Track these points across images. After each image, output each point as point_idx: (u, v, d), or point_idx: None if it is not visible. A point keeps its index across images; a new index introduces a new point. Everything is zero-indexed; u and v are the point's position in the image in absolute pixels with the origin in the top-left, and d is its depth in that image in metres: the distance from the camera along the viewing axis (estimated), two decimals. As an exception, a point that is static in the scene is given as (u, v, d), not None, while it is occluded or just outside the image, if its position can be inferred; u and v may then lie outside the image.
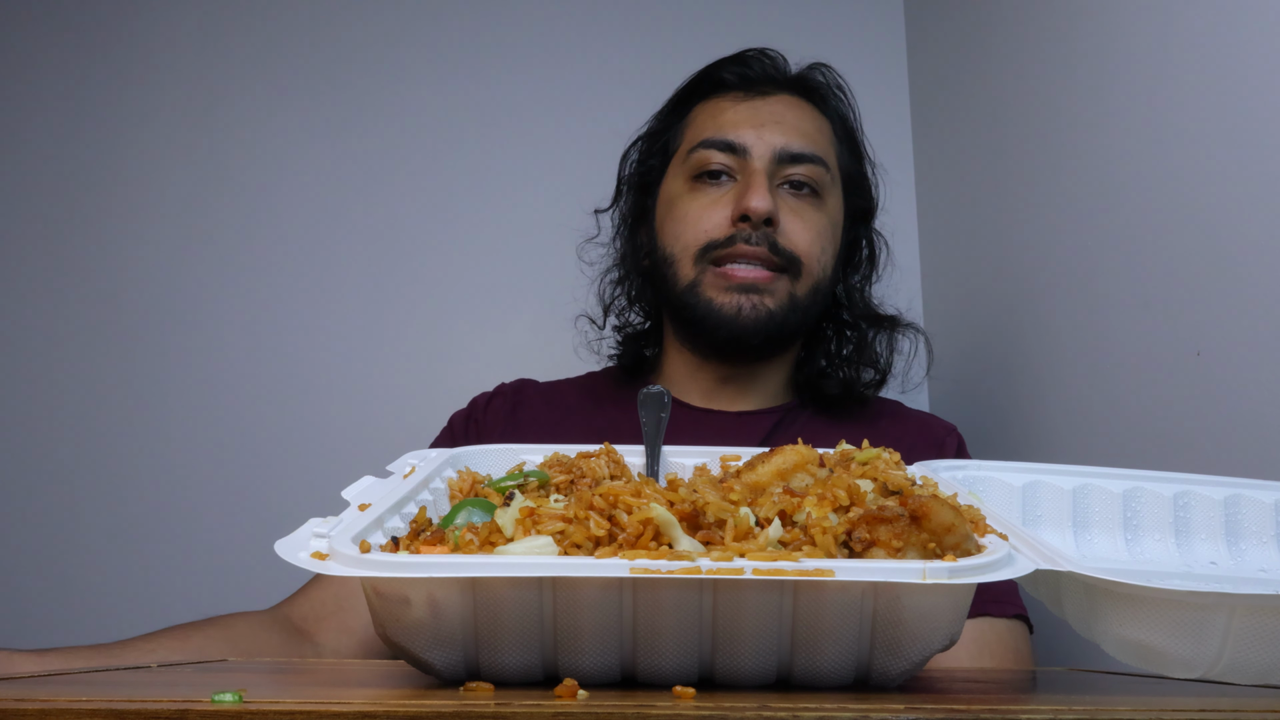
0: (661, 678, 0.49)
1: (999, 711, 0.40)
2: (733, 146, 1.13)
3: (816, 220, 1.14)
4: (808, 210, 1.14)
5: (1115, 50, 1.13)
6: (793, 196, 1.14)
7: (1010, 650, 1.02)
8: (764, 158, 1.13)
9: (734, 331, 1.10)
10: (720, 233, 1.11)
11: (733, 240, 1.10)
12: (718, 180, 1.14)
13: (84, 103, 1.68)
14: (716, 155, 1.14)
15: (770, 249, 1.10)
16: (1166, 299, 1.03)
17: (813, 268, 1.13)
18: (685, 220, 1.14)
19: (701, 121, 1.19)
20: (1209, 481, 0.72)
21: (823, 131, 1.19)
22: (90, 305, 1.62)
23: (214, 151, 1.67)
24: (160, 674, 0.57)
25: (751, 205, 1.09)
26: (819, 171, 1.15)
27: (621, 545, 0.50)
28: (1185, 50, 1.01)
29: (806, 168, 1.14)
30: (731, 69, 1.21)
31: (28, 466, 1.58)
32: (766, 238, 1.10)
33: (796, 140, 1.14)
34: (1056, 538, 0.70)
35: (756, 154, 1.13)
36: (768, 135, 1.14)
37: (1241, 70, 0.93)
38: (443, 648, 0.48)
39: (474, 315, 1.63)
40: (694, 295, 1.12)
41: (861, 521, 0.51)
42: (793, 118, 1.17)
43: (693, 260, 1.12)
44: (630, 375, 1.24)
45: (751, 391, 1.19)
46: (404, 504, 0.60)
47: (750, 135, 1.14)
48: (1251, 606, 0.51)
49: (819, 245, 1.13)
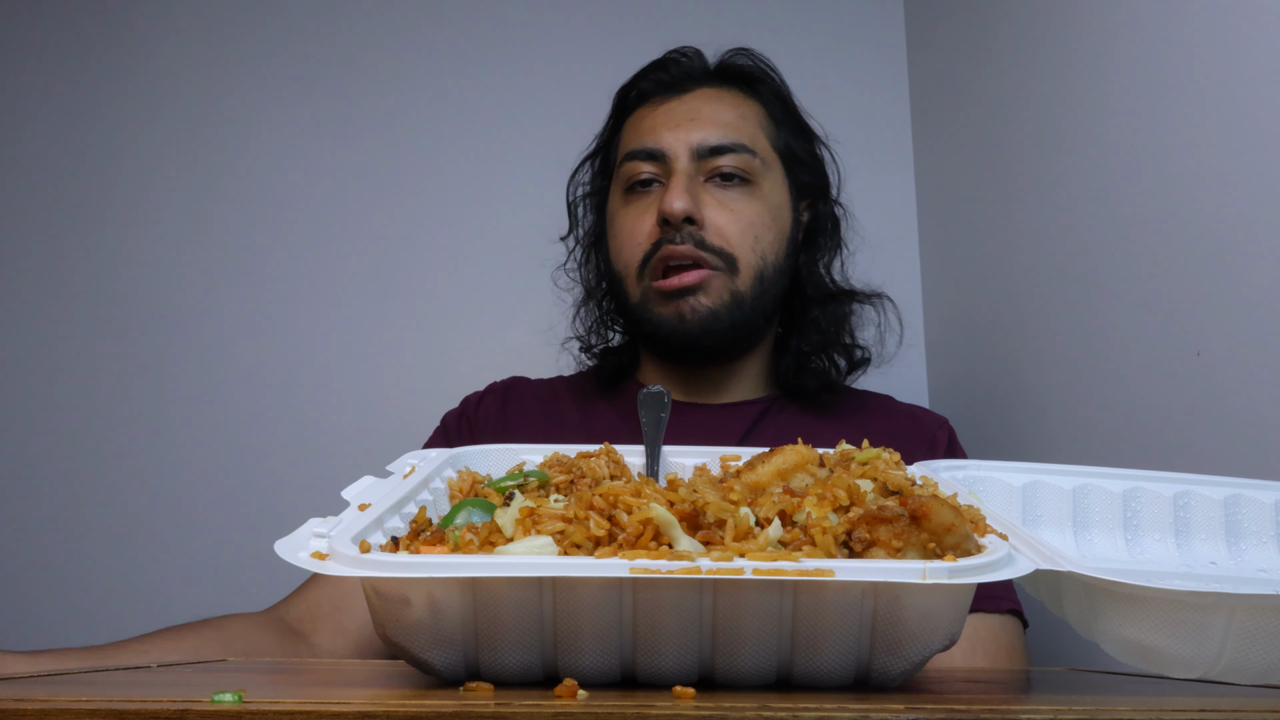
0: (661, 678, 0.49)
1: (999, 711, 0.40)
2: (652, 153, 1.14)
3: (747, 209, 1.12)
4: (738, 200, 1.12)
5: (1115, 50, 1.13)
6: (721, 189, 1.12)
7: (1004, 647, 1.02)
8: (682, 157, 1.12)
9: (684, 338, 1.10)
10: (649, 241, 1.11)
11: (660, 244, 1.10)
12: (649, 189, 1.14)
13: (84, 103, 1.68)
14: (641, 165, 1.14)
15: (697, 245, 1.09)
16: (1166, 299, 1.03)
17: (748, 258, 1.11)
18: (621, 235, 1.15)
19: (627, 134, 1.19)
20: (1209, 481, 0.71)
21: (747, 118, 1.17)
22: (90, 305, 1.62)
23: (214, 151, 1.67)
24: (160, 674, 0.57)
25: (665, 208, 1.08)
26: (745, 159, 1.13)
27: (621, 545, 0.50)
28: (1185, 50, 1.01)
29: (731, 158, 1.12)
30: (651, 76, 1.21)
31: (27, 466, 1.58)
32: (692, 236, 1.09)
33: (714, 132, 1.13)
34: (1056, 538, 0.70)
35: (674, 154, 1.12)
36: (684, 134, 1.13)
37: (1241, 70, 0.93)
38: (443, 648, 0.48)
39: (475, 315, 1.63)
40: (644, 312, 1.12)
41: (861, 521, 0.51)
42: (709, 110, 1.15)
43: (635, 277, 1.13)
44: (610, 381, 1.24)
45: (729, 386, 1.19)
46: (404, 504, 0.60)
47: (668, 138, 1.13)
48: (1251, 606, 0.51)
49: (752, 234, 1.12)
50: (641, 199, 1.14)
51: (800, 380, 1.18)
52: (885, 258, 1.66)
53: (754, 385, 1.20)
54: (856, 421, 1.17)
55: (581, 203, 1.27)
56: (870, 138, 1.68)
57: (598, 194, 1.24)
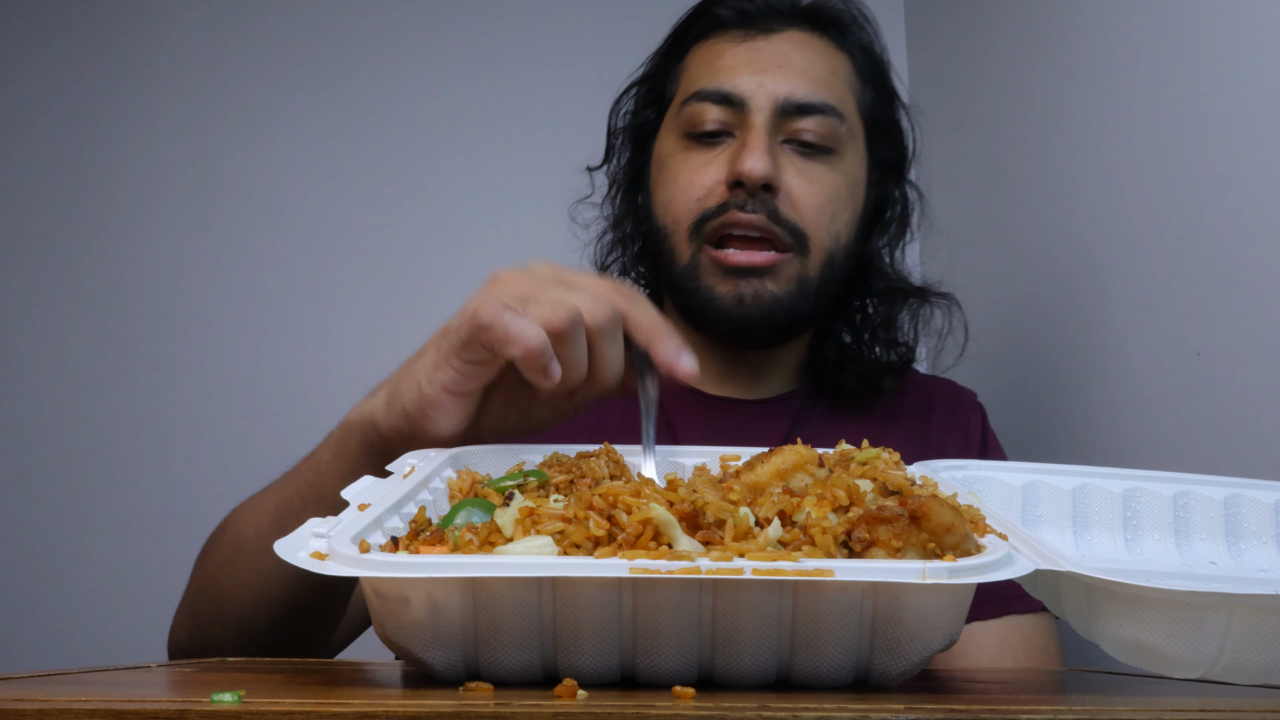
0: (661, 678, 0.49)
1: (999, 711, 0.40)
2: (729, 98, 0.98)
3: (828, 181, 0.99)
4: (817, 170, 0.99)
5: (1115, 50, 1.13)
6: (800, 155, 0.99)
7: (1036, 650, 0.96)
8: (764, 110, 0.97)
9: (737, 324, 0.98)
10: (714, 200, 0.97)
11: (726, 207, 0.96)
12: (715, 140, 1.00)
13: (84, 103, 1.68)
14: (710, 110, 0.99)
15: (770, 218, 0.96)
16: (1166, 299, 1.03)
17: (822, 239, 0.99)
18: (676, 186, 1.00)
19: (696, 68, 1.04)
20: (1209, 481, 0.71)
21: (838, 73, 1.03)
22: (90, 305, 1.62)
23: (214, 151, 1.67)
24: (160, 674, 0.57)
25: (745, 168, 0.94)
26: (832, 124, 0.99)
27: (621, 545, 0.50)
28: (1185, 50, 1.01)
29: (816, 120, 0.98)
30: (730, 3, 1.04)
31: (27, 465, 1.58)
32: (765, 205, 0.96)
33: (804, 86, 0.98)
34: (1056, 538, 0.70)
35: (755, 106, 0.98)
36: (769, 82, 0.98)
37: (1241, 70, 0.93)
38: (442, 648, 0.48)
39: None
40: (692, 280, 0.99)
41: (861, 521, 0.51)
42: (800, 59, 1.00)
43: (687, 236, 0.99)
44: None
45: (767, 375, 1.07)
46: (403, 504, 0.60)
47: (749, 83, 0.98)
48: (1251, 606, 0.51)
49: (829, 212, 0.98)
50: (705, 150, 0.99)
51: (839, 377, 1.06)
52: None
53: (790, 376, 1.09)
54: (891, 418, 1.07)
55: (622, 133, 1.12)
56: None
57: (642, 128, 1.08)
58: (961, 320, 1.10)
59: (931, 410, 1.09)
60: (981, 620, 0.96)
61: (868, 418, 1.06)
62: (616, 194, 1.11)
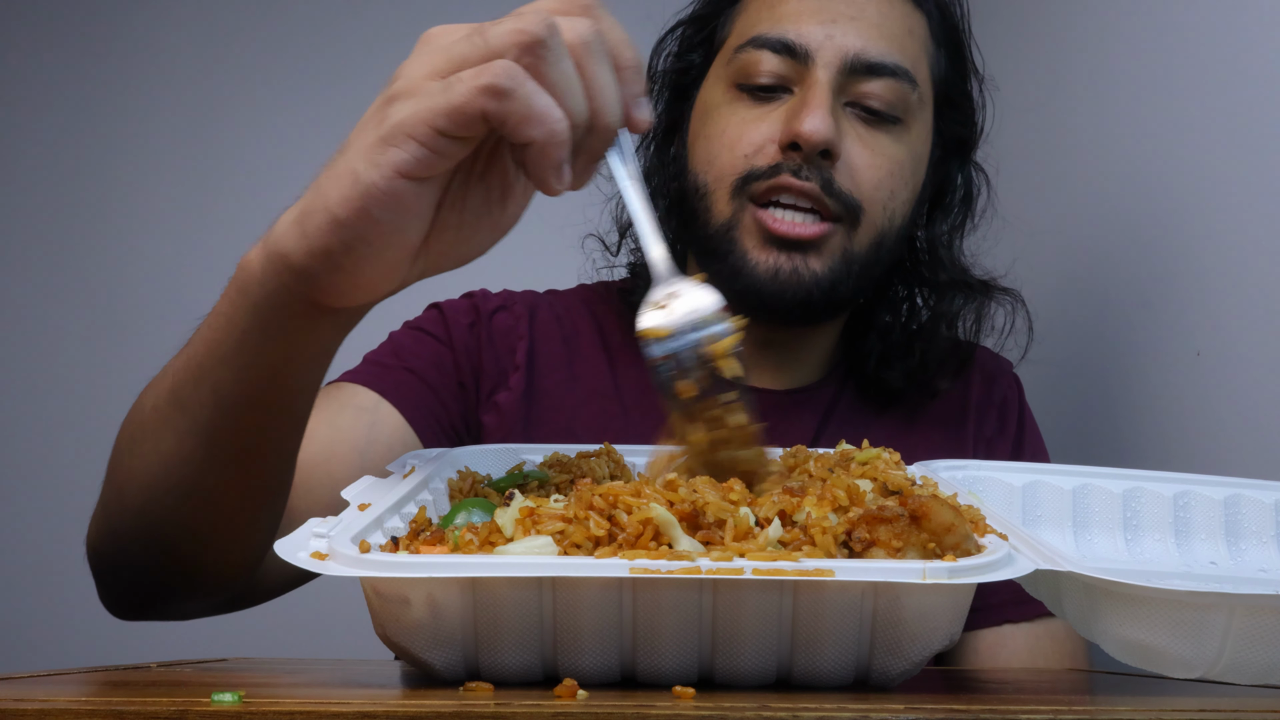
0: (661, 678, 0.49)
1: (999, 711, 0.40)
2: (791, 48, 0.87)
3: (892, 154, 0.89)
4: (881, 141, 0.89)
5: (1116, 50, 1.13)
6: (863, 122, 0.89)
7: (1066, 655, 0.92)
8: (831, 65, 0.87)
9: (766, 298, 0.88)
10: (764, 160, 0.87)
11: (778, 170, 0.86)
12: (771, 94, 0.89)
13: (84, 103, 1.68)
14: (768, 59, 0.88)
15: (824, 188, 0.86)
16: (1166, 299, 1.03)
17: (876, 216, 0.89)
18: (722, 140, 0.90)
19: (755, 9, 0.92)
20: (1209, 481, 0.72)
21: (914, 33, 0.92)
22: (89, 304, 1.63)
23: (214, 150, 1.67)
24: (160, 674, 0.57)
25: (804, 129, 0.84)
26: (902, 90, 0.89)
27: (621, 545, 0.50)
28: (1185, 50, 1.01)
29: (886, 84, 0.88)
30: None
31: (27, 465, 1.58)
32: (821, 173, 0.86)
33: (877, 44, 0.88)
34: (1056, 538, 0.70)
35: (821, 60, 0.87)
36: (839, 35, 0.87)
37: (1242, 70, 0.93)
38: (442, 648, 0.49)
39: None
40: (728, 241, 0.89)
41: (861, 521, 0.51)
42: (875, 11, 0.90)
43: (729, 194, 0.89)
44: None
45: (798, 362, 0.98)
46: (404, 504, 0.60)
47: (816, 33, 0.87)
48: (1251, 606, 0.51)
49: (888, 188, 0.89)
50: (758, 104, 0.89)
51: (882, 374, 0.97)
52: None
53: (821, 363, 1.00)
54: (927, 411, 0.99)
55: (662, 77, 1.00)
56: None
57: (686, 72, 0.98)
58: (1026, 319, 1.00)
59: (968, 386, 1.01)
60: (1013, 624, 0.93)
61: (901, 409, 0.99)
62: (650, 144, 1.00)
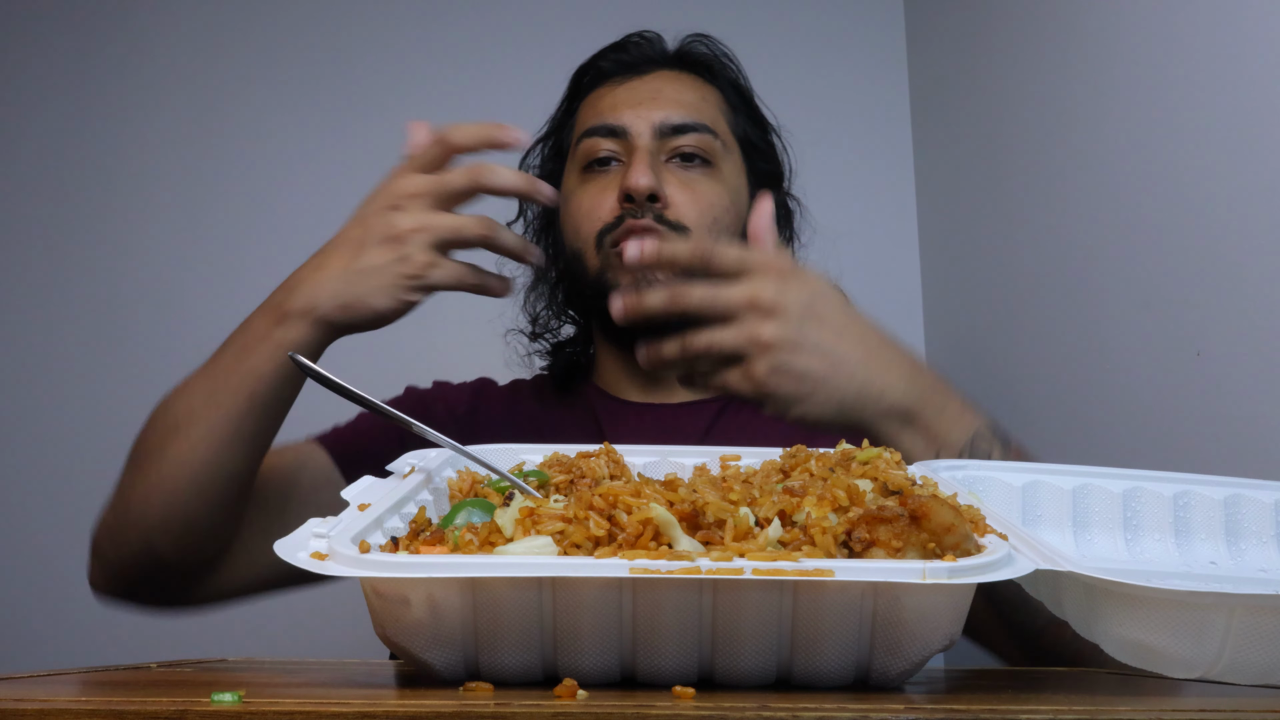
0: (661, 678, 0.49)
1: (999, 711, 0.40)
2: (613, 130, 1.12)
3: (708, 190, 1.11)
4: (699, 181, 1.11)
5: (1115, 50, 1.13)
6: (682, 169, 1.11)
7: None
8: (645, 134, 1.11)
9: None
10: (610, 215, 1.09)
11: (622, 219, 1.08)
12: (607, 167, 1.12)
13: (84, 103, 1.68)
14: (601, 142, 1.12)
15: (658, 220, 1.07)
16: (1166, 299, 1.03)
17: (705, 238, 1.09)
18: (580, 211, 1.12)
19: (585, 113, 1.18)
20: (1209, 481, 0.71)
21: (708, 100, 1.17)
22: (89, 304, 1.63)
23: (214, 151, 1.67)
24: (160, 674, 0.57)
25: (630, 183, 1.06)
26: (707, 140, 1.12)
27: (621, 545, 0.50)
28: (1185, 50, 1.01)
29: (692, 137, 1.11)
30: (610, 56, 1.20)
31: (27, 465, 1.58)
32: (654, 213, 1.07)
33: (677, 112, 1.12)
34: (1056, 538, 0.70)
35: (636, 132, 1.11)
36: (646, 111, 1.12)
37: (1241, 70, 0.93)
38: (442, 648, 0.48)
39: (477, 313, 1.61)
40: (602, 284, 1.10)
41: (861, 521, 0.51)
42: (671, 90, 1.15)
43: (594, 249, 1.11)
44: (562, 384, 1.22)
45: None
46: (403, 504, 0.60)
47: (629, 115, 1.12)
48: (1251, 606, 0.51)
49: (710, 215, 1.10)
50: (600, 177, 1.12)
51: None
52: (886, 258, 1.66)
53: None
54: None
55: None
56: (870, 138, 1.68)
57: (549, 177, 1.21)
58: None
59: None
60: None
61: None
62: (534, 241, 1.23)
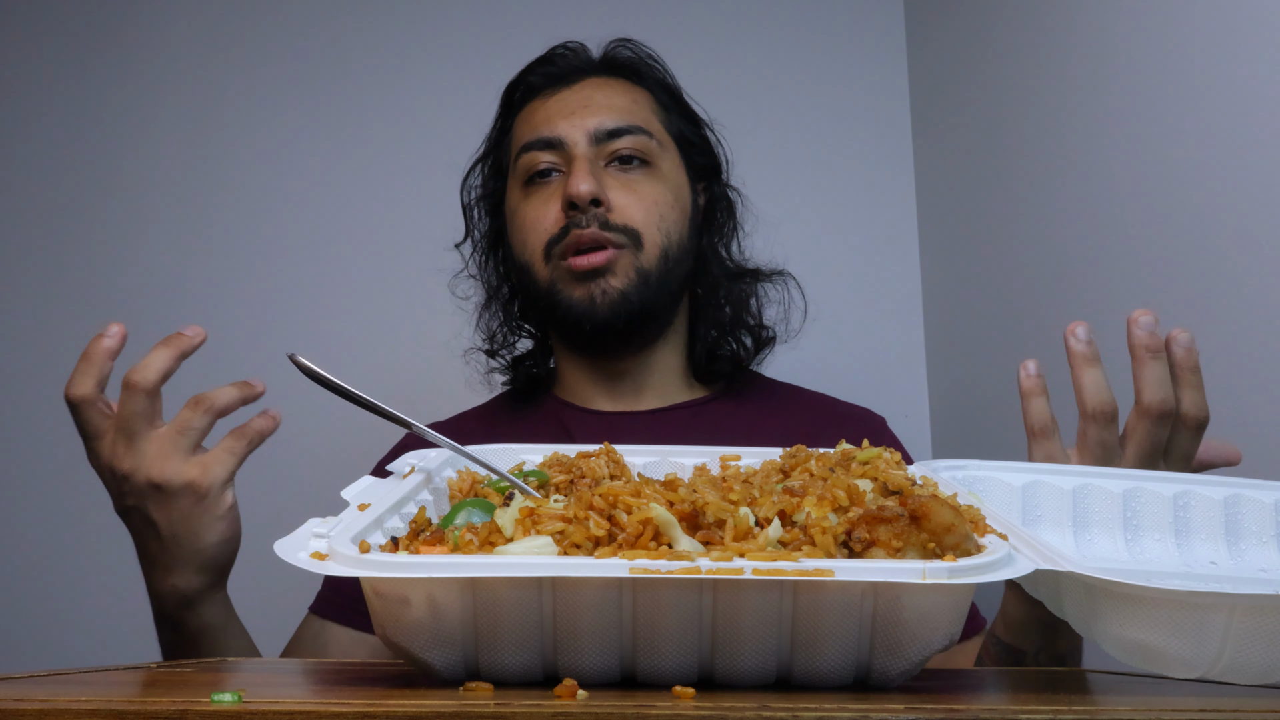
0: (661, 678, 0.49)
1: (999, 711, 0.40)
2: (550, 142, 1.14)
3: (650, 190, 1.14)
4: (640, 181, 1.14)
5: (1115, 50, 1.13)
6: (622, 172, 1.14)
7: None
8: (581, 143, 1.13)
9: (595, 322, 1.10)
10: (556, 226, 1.11)
11: (567, 229, 1.10)
12: (548, 178, 1.14)
13: (84, 103, 1.68)
14: (540, 155, 1.14)
15: (602, 226, 1.10)
16: (1166, 299, 1.03)
17: (654, 235, 1.12)
18: (525, 224, 1.15)
19: (520, 128, 1.20)
20: (1209, 481, 0.72)
21: (639, 102, 1.19)
22: (89, 304, 1.62)
23: (214, 151, 1.67)
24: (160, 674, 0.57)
25: (571, 191, 1.09)
26: (642, 141, 1.14)
27: (621, 545, 0.50)
28: (1185, 50, 1.01)
29: (628, 140, 1.14)
30: (538, 70, 1.22)
31: (27, 465, 1.58)
32: (599, 218, 1.10)
33: (610, 117, 1.14)
34: (1056, 538, 0.70)
35: (573, 141, 1.13)
36: (580, 120, 1.14)
37: (1241, 70, 0.93)
38: (442, 648, 0.48)
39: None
40: (553, 295, 1.12)
41: (861, 521, 0.51)
42: (602, 97, 1.17)
43: (543, 260, 1.13)
44: (530, 392, 1.24)
45: (650, 383, 1.18)
46: (404, 504, 0.60)
47: (563, 125, 1.14)
48: (1251, 606, 0.51)
49: (656, 213, 1.13)
50: (542, 189, 1.14)
51: (712, 367, 1.20)
52: (886, 257, 1.66)
53: (676, 385, 1.20)
54: (791, 421, 1.17)
55: (476, 206, 1.27)
56: (870, 138, 1.68)
57: (492, 195, 1.25)
58: (799, 291, 1.26)
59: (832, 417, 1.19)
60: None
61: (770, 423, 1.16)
62: (483, 261, 1.27)
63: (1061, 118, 1.23)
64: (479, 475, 0.66)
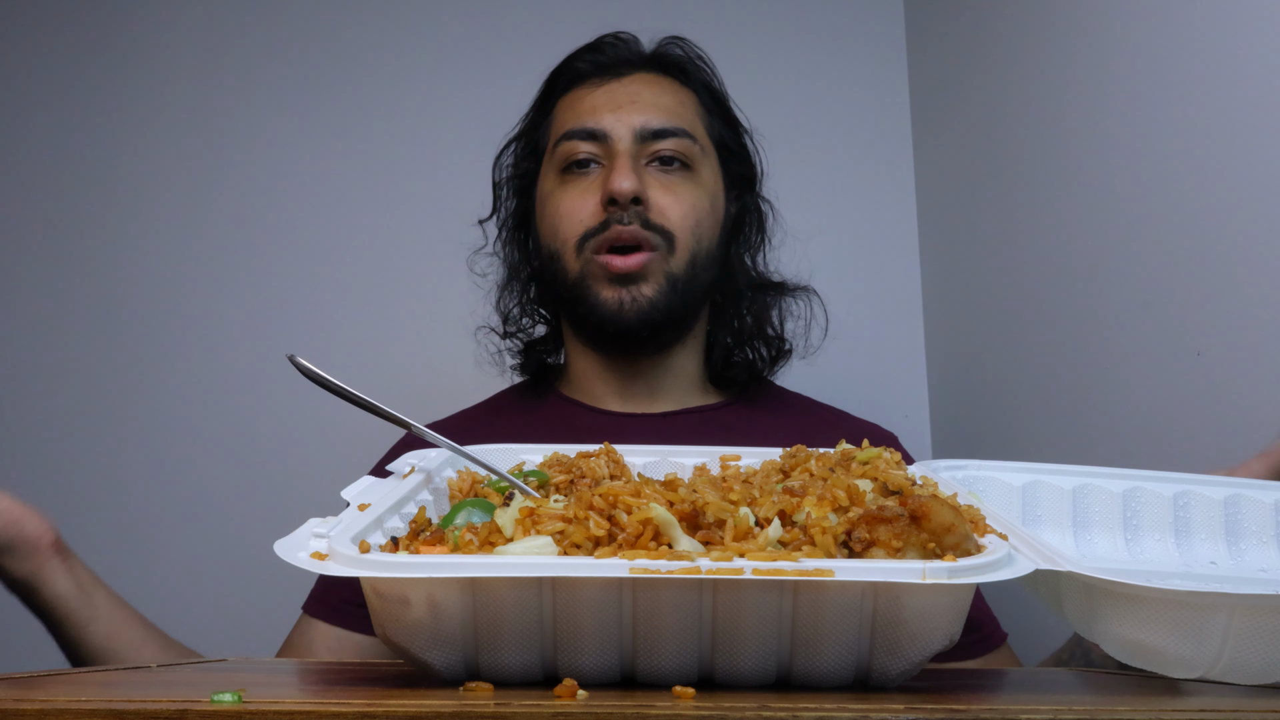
0: (661, 678, 0.49)
1: (999, 711, 0.40)
2: (593, 134, 1.13)
3: (689, 193, 1.13)
4: (679, 184, 1.13)
5: (1115, 50, 1.13)
6: (662, 172, 1.13)
7: None
8: (625, 139, 1.12)
9: (619, 327, 1.10)
10: (594, 220, 1.10)
11: (607, 225, 1.09)
12: (586, 169, 1.13)
13: (84, 103, 1.68)
14: (580, 145, 1.13)
15: (643, 225, 1.09)
16: (1166, 299, 1.03)
17: (686, 240, 1.11)
18: (560, 214, 1.13)
19: (563, 114, 1.18)
20: (1209, 481, 0.72)
21: (685, 104, 1.18)
22: (90, 305, 1.62)
23: (214, 151, 1.67)
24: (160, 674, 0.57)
25: (615, 187, 1.08)
26: (685, 144, 1.14)
27: (621, 545, 0.50)
28: (1185, 50, 1.01)
29: (672, 142, 1.13)
30: (586, 58, 1.20)
31: (27, 465, 1.58)
32: (638, 216, 1.09)
33: (656, 116, 1.13)
34: (1056, 538, 0.70)
35: (617, 136, 1.12)
36: (626, 116, 1.13)
37: (1241, 70, 0.93)
38: (442, 648, 0.48)
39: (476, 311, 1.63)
40: (582, 289, 1.11)
41: (861, 521, 0.51)
42: (650, 95, 1.16)
43: (575, 252, 1.11)
44: (535, 386, 1.23)
45: (665, 386, 1.17)
46: (404, 504, 0.60)
47: (609, 119, 1.13)
48: (1251, 606, 0.51)
49: (693, 218, 1.12)
50: (580, 179, 1.13)
51: (728, 373, 1.20)
52: (886, 258, 1.66)
53: (690, 389, 1.19)
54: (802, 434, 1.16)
55: (507, 185, 1.25)
56: (870, 138, 1.68)
57: (523, 177, 1.23)
58: (821, 308, 1.25)
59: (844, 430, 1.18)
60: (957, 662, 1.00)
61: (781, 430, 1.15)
62: (508, 237, 1.25)
63: (1061, 118, 1.23)
64: (479, 475, 0.66)
